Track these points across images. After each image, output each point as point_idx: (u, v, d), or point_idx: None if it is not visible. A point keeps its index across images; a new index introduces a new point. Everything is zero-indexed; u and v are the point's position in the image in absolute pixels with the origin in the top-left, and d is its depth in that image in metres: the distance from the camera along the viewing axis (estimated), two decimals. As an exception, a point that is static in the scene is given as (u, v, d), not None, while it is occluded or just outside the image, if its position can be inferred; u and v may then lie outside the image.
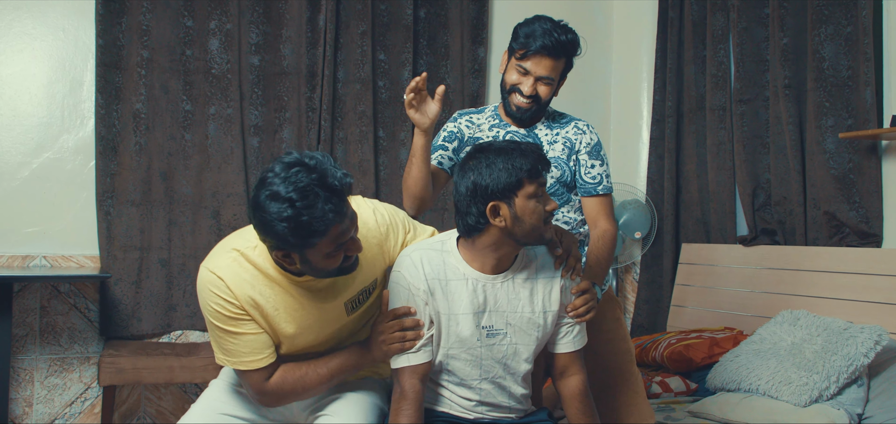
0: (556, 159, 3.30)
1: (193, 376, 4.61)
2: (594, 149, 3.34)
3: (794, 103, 4.92)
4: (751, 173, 5.20)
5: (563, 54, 3.20)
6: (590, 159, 3.32)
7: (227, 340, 2.67)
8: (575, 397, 2.88)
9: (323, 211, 2.36)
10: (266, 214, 2.38)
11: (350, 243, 2.52)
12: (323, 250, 2.47)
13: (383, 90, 5.74)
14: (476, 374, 2.81)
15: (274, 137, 5.46)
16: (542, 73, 3.19)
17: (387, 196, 5.67)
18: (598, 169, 3.33)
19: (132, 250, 5.12)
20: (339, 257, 2.52)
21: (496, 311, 2.77)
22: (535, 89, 3.21)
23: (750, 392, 4.04)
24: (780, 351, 4.08)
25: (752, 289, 5.08)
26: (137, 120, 5.14)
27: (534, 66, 3.18)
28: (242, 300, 2.61)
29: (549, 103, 3.32)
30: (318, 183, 2.37)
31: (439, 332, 2.77)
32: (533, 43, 3.15)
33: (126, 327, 5.10)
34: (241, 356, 2.69)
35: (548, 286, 2.82)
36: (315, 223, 2.36)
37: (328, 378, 2.77)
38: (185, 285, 5.23)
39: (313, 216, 2.36)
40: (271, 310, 2.66)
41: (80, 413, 5.05)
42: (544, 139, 3.33)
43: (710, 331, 4.93)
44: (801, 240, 4.90)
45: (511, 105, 3.28)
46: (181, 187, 5.25)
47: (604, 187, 3.32)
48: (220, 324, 2.64)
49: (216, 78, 5.31)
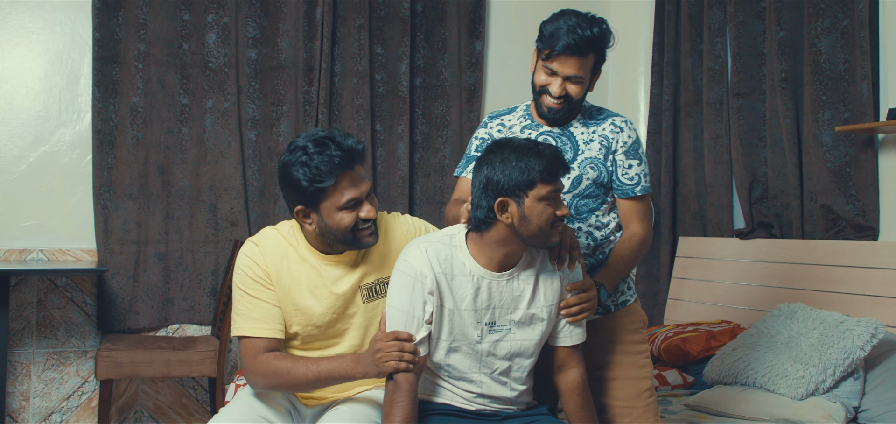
0: (593, 159, 3.12)
1: (191, 370, 4.60)
2: (632, 147, 3.14)
3: (790, 97, 4.92)
4: (748, 167, 5.21)
5: (589, 51, 2.99)
6: (627, 159, 3.13)
7: (244, 302, 2.89)
8: (573, 391, 2.89)
9: (331, 156, 2.72)
10: (287, 162, 2.78)
11: (364, 205, 2.80)
12: (335, 201, 2.76)
13: (380, 84, 5.74)
14: (476, 368, 2.81)
15: (271, 130, 5.46)
16: (570, 72, 3.00)
17: (383, 190, 5.67)
18: (635, 169, 3.14)
19: (129, 244, 5.12)
20: (352, 216, 2.78)
21: (500, 307, 2.77)
22: (565, 89, 3.03)
23: (746, 385, 4.05)
24: (777, 345, 4.08)
25: (748, 282, 5.08)
26: (134, 114, 5.14)
27: (560, 66, 2.99)
28: (270, 267, 2.88)
29: (582, 101, 3.14)
30: (329, 139, 2.77)
31: (440, 325, 2.78)
32: (557, 42, 2.96)
33: (123, 320, 5.10)
34: (250, 319, 2.87)
35: (550, 280, 2.82)
36: (324, 165, 2.72)
37: (315, 377, 2.82)
38: (183, 278, 5.24)
39: (322, 159, 2.72)
40: (295, 283, 2.89)
41: (78, 407, 5.06)
42: (580, 138, 3.15)
43: (707, 324, 4.93)
44: (797, 233, 4.90)
45: (542, 106, 3.10)
46: (178, 180, 5.26)
47: (642, 187, 3.15)
48: (243, 286, 2.89)
49: (213, 72, 5.32)
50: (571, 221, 3.11)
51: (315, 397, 3.06)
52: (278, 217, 5.30)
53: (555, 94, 3.03)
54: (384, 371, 2.72)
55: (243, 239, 5.06)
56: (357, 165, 2.81)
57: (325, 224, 2.81)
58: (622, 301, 3.21)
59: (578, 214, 3.13)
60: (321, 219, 2.81)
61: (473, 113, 5.90)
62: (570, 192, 3.11)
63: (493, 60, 6.07)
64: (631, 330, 3.22)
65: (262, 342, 2.86)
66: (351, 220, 2.79)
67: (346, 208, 2.78)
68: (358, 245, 2.86)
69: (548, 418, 2.90)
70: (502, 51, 6.08)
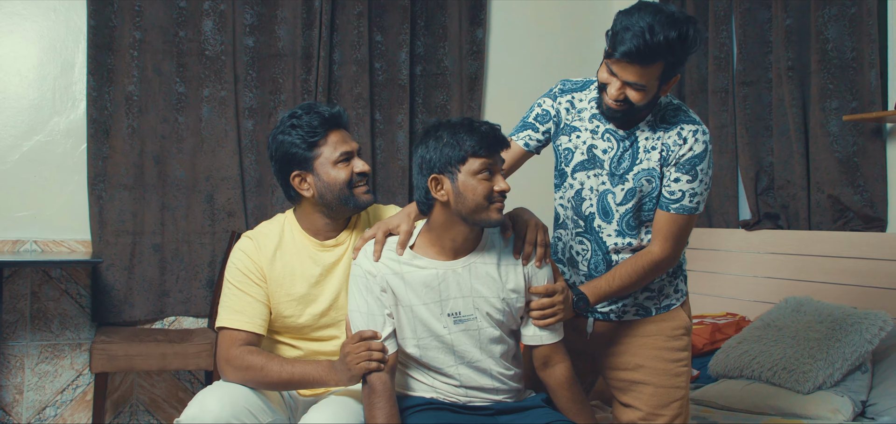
0: (650, 171, 2.91)
1: (187, 363, 4.59)
2: (689, 161, 2.86)
3: (797, 86, 4.90)
4: (753, 157, 5.19)
5: (655, 59, 2.69)
6: (677, 172, 2.87)
7: (229, 294, 2.94)
8: (562, 386, 2.87)
9: (319, 113, 2.90)
10: (277, 133, 2.94)
11: (357, 159, 2.93)
12: (329, 156, 2.89)
13: (380, 72, 5.72)
14: (451, 361, 2.80)
15: (269, 119, 5.44)
16: (630, 78, 2.73)
17: (383, 181, 5.66)
18: (683, 184, 2.88)
19: (124, 235, 5.10)
20: (347, 170, 2.90)
21: (461, 297, 2.76)
22: (624, 94, 2.77)
23: (752, 379, 4.04)
24: (784, 338, 4.07)
25: (754, 274, 5.07)
26: (130, 102, 5.12)
27: (620, 70, 2.73)
28: (263, 260, 2.95)
29: (650, 107, 2.88)
30: (315, 105, 2.96)
31: (401, 323, 2.78)
32: (619, 46, 2.69)
33: (118, 313, 5.09)
34: (232, 311, 2.92)
35: (509, 269, 2.80)
36: (315, 120, 2.88)
37: (289, 378, 2.84)
38: (179, 270, 5.23)
39: (311, 118, 2.89)
40: (289, 273, 2.95)
41: (72, 401, 5.04)
42: (642, 146, 2.91)
43: (712, 317, 4.92)
44: (804, 224, 4.88)
45: (602, 104, 2.86)
46: (174, 170, 5.24)
47: (681, 206, 2.89)
48: (232, 279, 2.95)
49: (210, 60, 5.29)
50: (623, 234, 3.00)
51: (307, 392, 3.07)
52: (276, 208, 5.30)
53: (612, 97, 2.79)
54: (357, 374, 2.73)
55: (240, 230, 5.08)
56: (342, 127, 2.96)
57: (322, 183, 2.91)
58: (666, 305, 3.12)
59: (629, 228, 2.99)
60: (318, 178, 2.91)
61: (474, 102, 5.88)
62: (624, 204, 2.96)
63: (495, 47, 6.04)
64: (670, 337, 3.11)
65: (240, 334, 2.89)
66: (347, 175, 2.90)
67: (341, 161, 2.90)
68: (356, 203, 2.94)
69: (544, 410, 2.88)
70: (504, 38, 6.06)
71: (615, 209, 2.98)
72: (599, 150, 2.99)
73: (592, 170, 3.01)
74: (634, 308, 3.11)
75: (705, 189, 2.90)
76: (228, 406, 2.75)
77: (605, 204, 2.99)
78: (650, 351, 3.09)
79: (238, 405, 2.77)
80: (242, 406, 2.78)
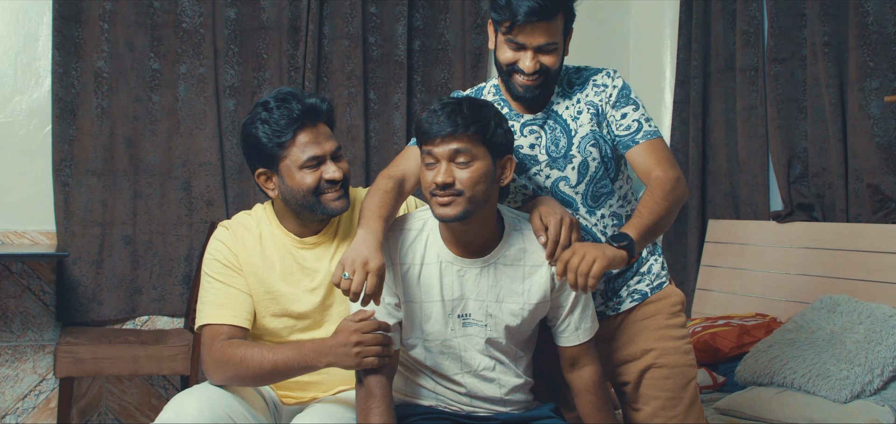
0: (590, 133, 2.98)
1: (161, 367, 4.59)
2: (618, 96, 2.99)
3: (834, 63, 4.90)
4: (786, 142, 5.19)
5: (557, 11, 2.84)
6: (616, 110, 2.98)
7: (209, 289, 2.95)
8: (589, 390, 2.89)
9: (291, 109, 2.85)
10: (247, 121, 2.92)
11: (328, 164, 2.88)
12: (295, 158, 2.86)
13: (375, 48, 5.71)
14: (456, 367, 2.81)
15: (252, 99, 5.42)
16: (541, 40, 2.84)
17: (377, 166, 5.65)
18: (631, 115, 2.97)
19: (93, 226, 5.10)
20: (315, 176, 2.87)
21: (475, 299, 2.77)
22: (539, 62, 2.87)
23: (784, 386, 4.04)
24: (818, 341, 4.08)
25: (786, 271, 5.07)
26: (99, 80, 5.11)
27: (527, 37, 2.83)
28: (240, 251, 2.96)
29: (560, 69, 2.99)
30: (292, 95, 2.89)
31: (407, 320, 2.79)
32: (519, 10, 2.79)
33: (86, 311, 5.09)
34: (213, 306, 2.92)
35: (532, 274, 2.81)
36: (283, 119, 2.84)
37: (271, 367, 2.80)
38: (152, 264, 5.23)
39: (282, 113, 2.85)
40: (268, 268, 2.96)
41: (34, 409, 5.05)
42: (567, 116, 3.01)
43: (740, 318, 4.92)
44: (841, 216, 4.89)
45: (515, 87, 2.94)
46: (148, 155, 5.24)
47: (645, 132, 2.95)
48: (210, 271, 2.96)
49: (187, 33, 5.29)
50: (593, 211, 3.04)
51: (294, 395, 3.07)
52: (259, 196, 5.29)
53: (528, 70, 2.87)
54: (362, 366, 2.70)
55: (220, 220, 5.05)
56: (321, 122, 2.92)
57: (286, 187, 2.90)
58: (658, 285, 3.17)
59: (596, 201, 3.05)
60: (282, 181, 2.90)
61: (478, 80, 5.86)
62: (582, 181, 3.02)
63: (501, 20, 6.01)
64: (670, 314, 3.17)
65: (222, 328, 2.89)
66: (313, 180, 2.87)
67: (308, 166, 2.87)
68: (324, 211, 2.90)
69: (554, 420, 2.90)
70: (511, 11, 6.04)
71: (574, 193, 3.02)
72: (527, 146, 3.03)
73: (531, 170, 3.04)
74: (629, 296, 3.16)
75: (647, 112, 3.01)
76: (208, 409, 2.75)
77: (563, 195, 3.02)
78: (656, 332, 3.13)
79: (217, 409, 2.77)
80: (222, 410, 2.78)
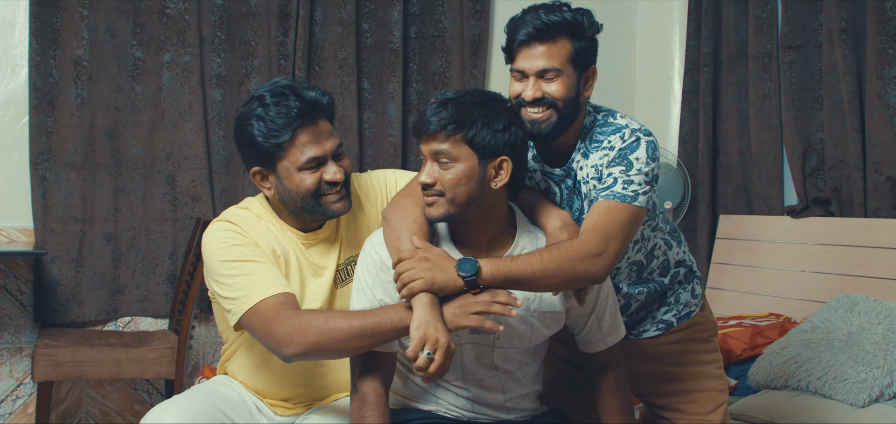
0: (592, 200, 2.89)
1: (144, 371, 4.59)
2: (618, 153, 2.85)
3: (851, 50, 4.90)
4: (801, 133, 5.20)
5: (559, 34, 2.79)
6: (607, 168, 2.85)
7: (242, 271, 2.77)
8: (612, 391, 2.93)
9: (289, 107, 2.77)
10: (241, 115, 2.85)
11: (329, 165, 2.81)
12: (294, 159, 2.79)
13: (369, 34, 5.71)
14: (459, 374, 2.80)
15: (239, 88, 5.44)
16: (542, 64, 2.79)
17: (372, 159, 5.65)
18: (614, 173, 2.82)
19: (72, 222, 5.09)
20: (315, 178, 2.80)
21: None
22: (541, 90, 2.79)
23: (799, 390, 4.04)
24: (835, 342, 4.08)
25: (801, 269, 5.08)
26: (79, 68, 5.10)
27: (527, 61, 2.80)
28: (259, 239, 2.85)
29: (573, 107, 2.85)
30: (290, 89, 2.81)
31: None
32: (517, 30, 2.82)
33: (65, 312, 5.09)
34: (260, 283, 2.75)
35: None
36: (281, 117, 2.77)
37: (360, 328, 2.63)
38: (135, 263, 5.22)
39: (279, 111, 2.77)
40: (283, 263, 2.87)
41: (11, 414, 5.04)
42: (581, 178, 2.93)
43: (753, 318, 4.93)
44: (859, 211, 4.91)
45: (527, 124, 2.81)
46: (130, 147, 5.23)
47: (612, 191, 2.80)
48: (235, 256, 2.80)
49: (172, 19, 5.28)
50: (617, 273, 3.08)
51: (287, 406, 3.03)
52: (248, 190, 5.28)
53: (528, 98, 2.80)
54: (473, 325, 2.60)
55: (207, 216, 5.05)
56: (321, 119, 2.84)
57: (284, 188, 2.83)
58: (686, 313, 3.20)
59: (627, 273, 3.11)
60: (280, 181, 2.84)
61: (477, 69, 5.88)
62: None
63: (501, 6, 6.04)
64: (699, 340, 3.22)
65: (280, 297, 2.72)
66: (313, 182, 2.81)
67: (307, 168, 2.80)
68: (325, 213, 2.85)
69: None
70: (512, -5, 6.05)
71: None
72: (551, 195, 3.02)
73: None
74: (654, 326, 3.19)
75: (645, 181, 2.82)
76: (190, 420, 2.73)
77: None
78: (681, 357, 3.19)
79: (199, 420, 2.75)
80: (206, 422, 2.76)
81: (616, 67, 6.30)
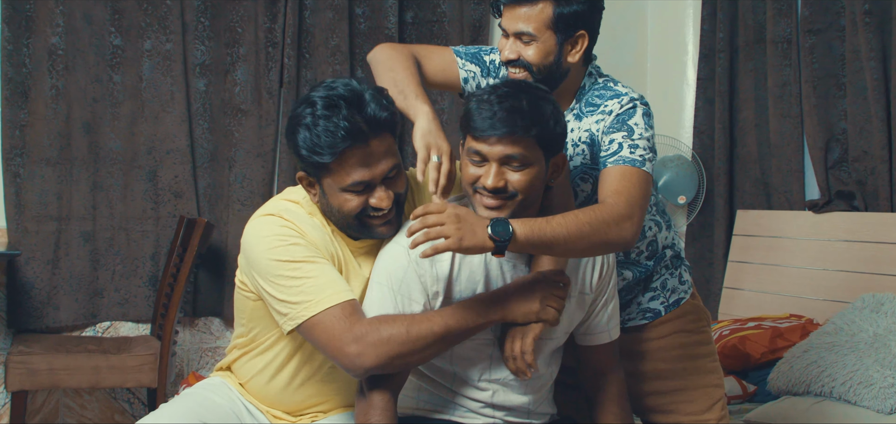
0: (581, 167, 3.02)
1: (125, 379, 4.61)
2: (616, 119, 2.93)
3: (876, 34, 4.90)
4: (823, 122, 5.19)
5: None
6: (607, 135, 2.92)
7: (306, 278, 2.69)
8: (613, 400, 2.92)
9: (335, 125, 2.59)
10: (293, 117, 2.69)
11: (378, 191, 2.68)
12: (338, 180, 2.65)
13: (362, 20, 5.73)
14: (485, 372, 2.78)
15: (225, 78, 5.45)
16: (519, 25, 2.88)
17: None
18: (617, 139, 2.89)
19: (47, 221, 5.11)
20: (359, 201, 2.67)
21: None
22: (517, 52, 2.90)
23: (822, 396, 4.02)
24: (860, 345, 4.08)
25: (824, 267, 5.08)
26: (53, 58, 5.12)
27: (509, 21, 2.90)
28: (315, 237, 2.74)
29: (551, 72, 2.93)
30: (347, 99, 2.63)
31: None
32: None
33: (40, 317, 5.10)
34: (326, 286, 2.68)
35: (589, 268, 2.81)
36: (326, 135, 2.60)
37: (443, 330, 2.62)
38: (115, 264, 5.24)
39: (326, 128, 2.60)
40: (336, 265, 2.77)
41: (-17, 425, 5.04)
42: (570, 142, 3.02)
43: (772, 320, 4.92)
44: (885, 205, 4.91)
45: None
46: (109, 141, 5.25)
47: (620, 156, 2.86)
48: (295, 256, 2.70)
49: (152, 5, 5.30)
50: None
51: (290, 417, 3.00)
52: (233, 186, 5.28)
53: (504, 57, 2.93)
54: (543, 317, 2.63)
55: (190, 214, 5.04)
56: (374, 139, 2.66)
57: (327, 203, 2.73)
58: (675, 301, 3.21)
59: None
60: (323, 195, 2.72)
61: (479, 56, 5.84)
62: None
63: (504, -11, 6.00)
64: (692, 331, 3.23)
65: (347, 305, 2.66)
66: (357, 205, 2.68)
67: (352, 191, 2.67)
68: (368, 235, 2.77)
69: None
70: (515, -22, 6.03)
71: None
72: None
73: None
74: (640, 314, 3.21)
75: (647, 146, 2.89)
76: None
77: None
78: (673, 352, 3.20)
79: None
80: None
81: (626, 54, 6.28)
